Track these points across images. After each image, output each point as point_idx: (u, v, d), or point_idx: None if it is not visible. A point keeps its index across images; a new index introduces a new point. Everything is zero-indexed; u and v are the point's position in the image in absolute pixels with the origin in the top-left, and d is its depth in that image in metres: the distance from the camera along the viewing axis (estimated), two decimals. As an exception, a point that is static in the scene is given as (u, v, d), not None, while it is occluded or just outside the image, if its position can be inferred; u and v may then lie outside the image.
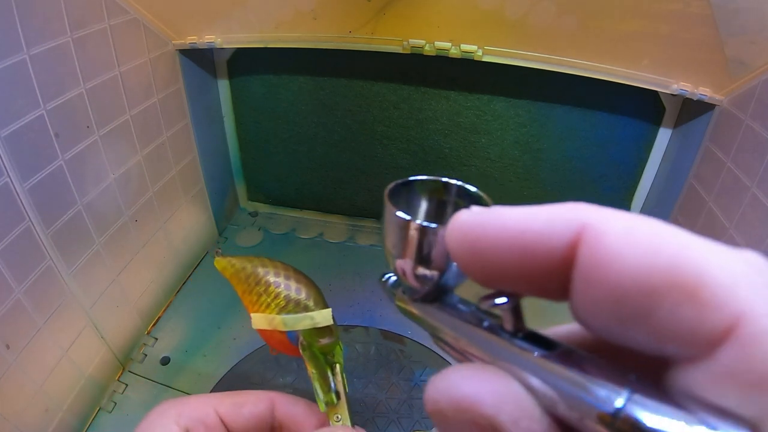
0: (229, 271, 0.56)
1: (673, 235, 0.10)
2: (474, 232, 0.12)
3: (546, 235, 0.11)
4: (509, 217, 0.12)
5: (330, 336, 0.50)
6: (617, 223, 0.11)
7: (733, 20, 0.61)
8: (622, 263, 0.10)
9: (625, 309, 0.10)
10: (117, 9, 0.69)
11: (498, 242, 0.12)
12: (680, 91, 0.73)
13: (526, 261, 0.12)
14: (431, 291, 0.18)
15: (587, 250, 0.11)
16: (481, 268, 0.13)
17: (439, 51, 0.79)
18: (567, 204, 0.12)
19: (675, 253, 0.10)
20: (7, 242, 0.55)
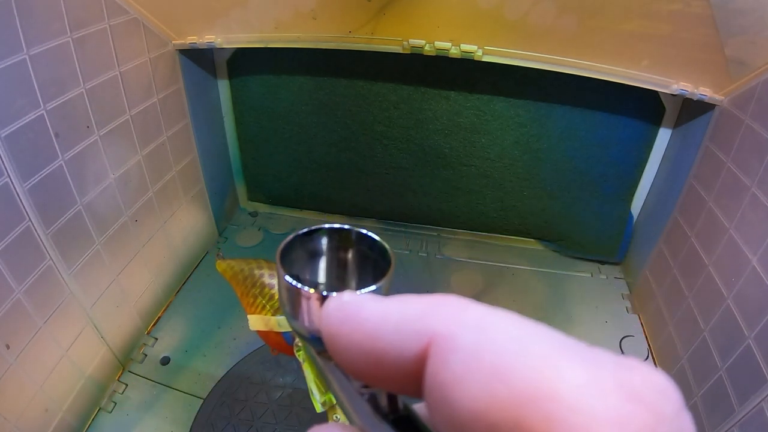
0: (229, 273, 0.56)
1: (530, 356, 0.09)
2: (335, 325, 0.12)
3: (396, 343, 0.11)
4: (366, 317, 0.11)
5: None
6: (468, 337, 0.10)
7: (733, 20, 0.61)
8: (464, 391, 0.09)
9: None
10: (117, 9, 0.69)
11: (353, 341, 0.11)
12: (680, 91, 0.73)
13: (379, 364, 0.11)
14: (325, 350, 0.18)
15: (433, 366, 0.10)
16: (341, 360, 0.12)
17: (439, 51, 0.79)
18: (425, 303, 0.11)
19: (524, 387, 0.09)
20: (7, 242, 0.55)
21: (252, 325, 0.51)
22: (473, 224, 1.10)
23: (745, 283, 0.62)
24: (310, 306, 0.16)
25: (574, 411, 0.08)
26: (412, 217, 1.12)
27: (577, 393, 0.08)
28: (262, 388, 0.76)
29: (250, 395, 0.75)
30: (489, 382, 0.09)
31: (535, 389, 0.08)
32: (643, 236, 0.97)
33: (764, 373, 0.55)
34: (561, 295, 0.97)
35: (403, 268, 1.01)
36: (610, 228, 1.02)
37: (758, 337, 0.58)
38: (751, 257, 0.61)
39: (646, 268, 0.91)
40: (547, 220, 1.04)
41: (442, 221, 1.12)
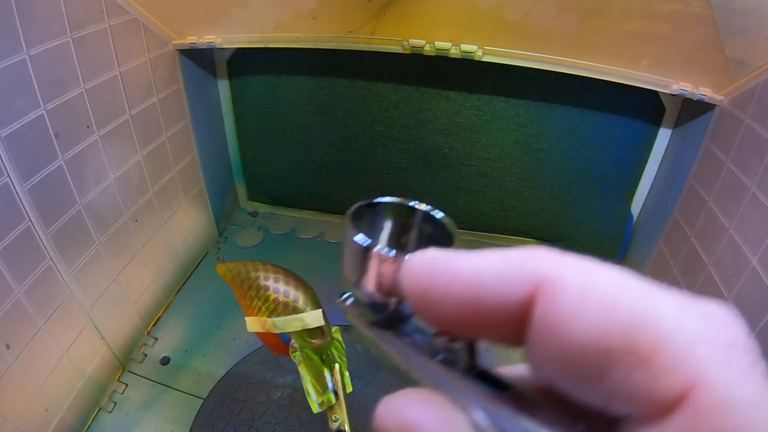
0: (228, 275, 0.56)
1: (631, 292, 0.10)
2: (427, 280, 0.12)
3: (500, 290, 0.11)
4: (462, 268, 0.12)
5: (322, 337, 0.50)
6: (574, 279, 0.10)
7: (733, 20, 0.61)
8: (577, 324, 0.10)
9: (578, 369, 0.10)
10: (117, 9, 0.69)
11: (450, 293, 0.12)
12: (680, 91, 0.73)
13: (479, 313, 0.11)
14: (386, 318, 0.17)
15: (542, 307, 0.11)
16: (433, 315, 0.12)
17: (439, 51, 0.79)
18: (523, 252, 0.11)
19: (631, 316, 0.10)
20: (7, 242, 0.55)
21: (249, 326, 0.51)
22: (473, 224, 1.10)
23: (745, 283, 0.62)
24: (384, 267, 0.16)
25: (676, 332, 0.10)
26: (412, 217, 1.12)
27: (675, 317, 0.10)
28: (262, 388, 0.76)
29: (250, 395, 0.75)
30: (600, 314, 0.10)
31: (642, 316, 0.10)
32: (643, 236, 0.97)
33: (764, 373, 0.55)
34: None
35: (403, 268, 1.01)
36: (610, 228, 1.02)
37: (758, 336, 0.58)
38: (751, 257, 0.61)
39: (646, 268, 0.91)
40: (547, 220, 1.04)
41: (442, 221, 1.11)
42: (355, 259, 0.17)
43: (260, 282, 0.51)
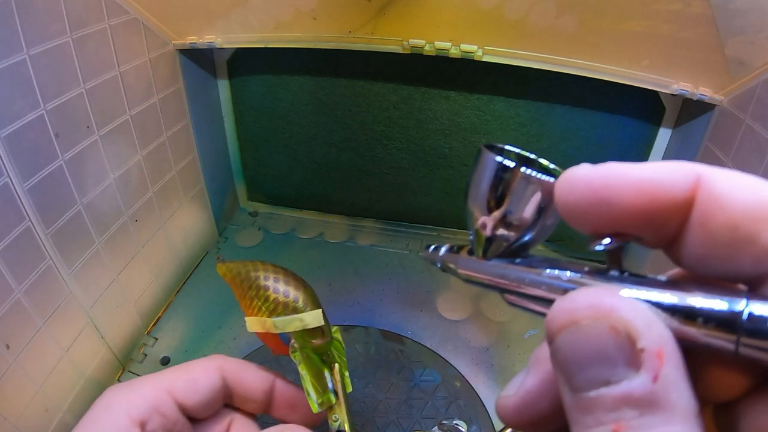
0: (228, 276, 0.56)
1: (765, 180, 0.13)
2: (600, 182, 0.15)
3: (670, 183, 0.14)
4: (632, 169, 0.14)
5: (322, 337, 0.50)
6: (723, 173, 0.13)
7: (733, 20, 0.61)
8: (735, 198, 0.13)
9: (738, 235, 0.13)
10: (117, 9, 0.69)
11: (625, 191, 0.14)
12: (680, 91, 0.73)
13: (651, 206, 0.14)
14: (511, 247, 0.18)
15: (705, 192, 0.13)
16: (602, 216, 0.14)
17: (439, 51, 0.79)
18: (674, 162, 0.14)
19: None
20: (7, 242, 0.55)
21: (249, 326, 0.51)
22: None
23: (745, 283, 0.62)
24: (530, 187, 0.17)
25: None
26: (412, 217, 1.12)
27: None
28: (262, 388, 0.76)
29: (250, 395, 0.75)
30: (749, 190, 0.13)
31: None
32: (643, 236, 0.97)
33: (764, 373, 0.55)
34: (561, 295, 0.97)
35: (403, 268, 1.01)
36: (610, 228, 1.01)
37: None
38: (751, 257, 0.61)
39: (647, 267, 0.91)
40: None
41: (442, 221, 1.12)
42: (495, 183, 0.17)
43: (260, 282, 0.51)
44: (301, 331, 0.49)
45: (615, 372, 0.12)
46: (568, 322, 0.13)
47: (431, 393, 0.75)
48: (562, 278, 0.16)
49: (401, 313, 0.89)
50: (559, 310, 0.14)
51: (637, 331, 0.12)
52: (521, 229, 0.17)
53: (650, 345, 0.12)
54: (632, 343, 0.12)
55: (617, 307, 0.13)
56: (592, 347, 0.13)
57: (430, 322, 0.87)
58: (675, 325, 0.13)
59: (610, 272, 0.15)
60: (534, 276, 0.17)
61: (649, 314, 0.13)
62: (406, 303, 0.92)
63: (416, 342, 0.83)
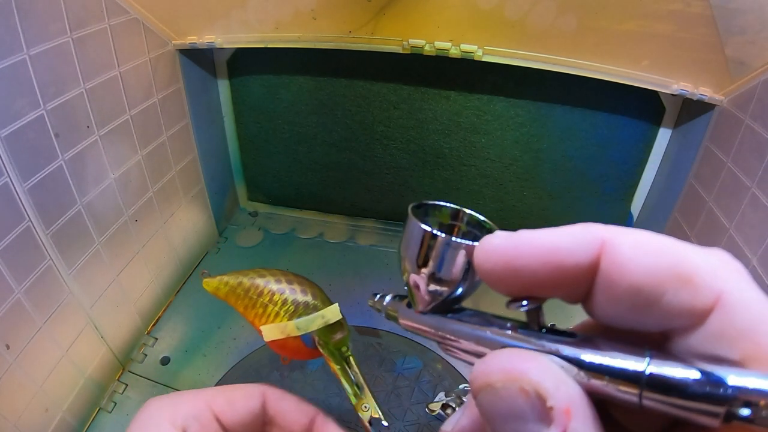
0: (224, 290, 0.55)
1: (668, 242, 0.14)
2: (510, 251, 0.15)
3: (574, 251, 0.14)
4: (540, 238, 0.15)
5: (342, 330, 0.50)
6: (627, 237, 0.14)
7: (733, 20, 0.61)
8: (637, 265, 0.14)
9: (640, 298, 0.14)
10: (117, 9, 0.69)
11: (532, 259, 0.15)
12: (680, 91, 0.73)
13: (557, 273, 0.15)
14: (444, 301, 0.19)
15: (608, 258, 0.14)
16: (515, 282, 0.15)
17: (439, 51, 0.79)
18: (582, 225, 0.15)
19: (673, 254, 0.14)
20: (7, 242, 0.55)
21: (267, 336, 0.50)
22: (473, 224, 1.10)
23: (745, 283, 0.62)
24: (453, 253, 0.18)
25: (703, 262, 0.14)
26: (412, 217, 1.12)
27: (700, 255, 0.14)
28: (262, 388, 0.76)
29: (250, 395, 0.75)
30: (652, 256, 0.14)
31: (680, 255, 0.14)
32: (643, 236, 0.97)
33: (764, 373, 0.55)
34: (561, 295, 0.97)
35: (403, 268, 1.01)
36: (610, 228, 1.01)
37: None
38: (751, 257, 0.61)
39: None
40: (547, 220, 1.04)
41: (442, 221, 1.11)
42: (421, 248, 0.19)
43: (271, 286, 0.51)
44: (323, 328, 0.48)
45: (528, 427, 0.14)
46: (484, 384, 0.15)
47: (416, 379, 0.76)
48: (486, 335, 0.17)
49: (401, 313, 0.89)
50: (477, 373, 0.15)
51: (546, 391, 0.13)
52: (451, 285, 0.19)
53: (558, 403, 0.13)
54: (542, 401, 0.13)
55: (527, 370, 0.14)
56: (506, 406, 0.14)
57: (430, 322, 0.87)
58: (585, 380, 0.14)
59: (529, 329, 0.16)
60: (463, 331, 0.18)
61: (559, 373, 0.14)
62: (406, 303, 0.91)
63: (391, 333, 0.83)
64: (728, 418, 0.12)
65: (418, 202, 0.21)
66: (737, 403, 0.12)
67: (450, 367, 0.77)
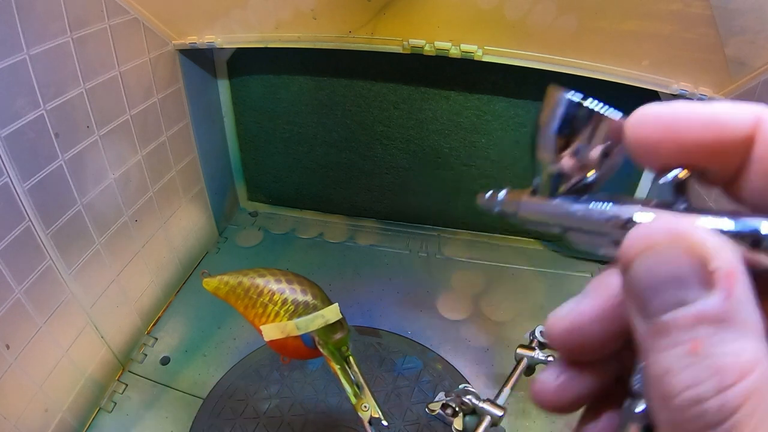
0: (224, 290, 0.55)
1: None
2: (670, 117, 0.15)
3: (734, 121, 0.14)
4: (699, 107, 0.15)
5: (342, 330, 0.50)
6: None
7: (733, 20, 0.61)
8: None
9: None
10: (117, 9, 0.69)
11: (693, 124, 0.15)
12: (680, 91, 0.73)
13: (715, 140, 0.15)
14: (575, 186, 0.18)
15: (765, 130, 0.14)
16: (671, 148, 0.15)
17: (439, 51, 0.79)
18: (739, 103, 0.15)
19: None
20: (7, 242, 0.55)
21: (267, 335, 0.50)
22: (473, 224, 1.10)
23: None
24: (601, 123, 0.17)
25: None
26: (412, 217, 1.12)
27: None
28: (263, 387, 0.76)
29: (250, 394, 0.75)
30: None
31: None
32: (643, 236, 0.97)
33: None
34: (561, 295, 0.97)
35: (403, 268, 1.01)
36: (610, 228, 1.02)
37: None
38: (751, 257, 0.61)
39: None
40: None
41: (442, 221, 1.12)
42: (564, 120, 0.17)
43: (271, 286, 0.51)
44: (323, 328, 0.48)
45: (690, 293, 0.13)
46: (645, 247, 0.14)
47: (416, 379, 0.76)
48: (629, 211, 0.16)
49: (401, 313, 0.89)
50: (637, 236, 0.14)
51: (710, 253, 0.13)
52: (588, 167, 0.18)
53: (722, 266, 0.13)
54: (705, 264, 0.13)
55: (691, 232, 0.13)
56: (668, 270, 0.13)
57: (430, 322, 0.87)
58: (742, 250, 0.13)
59: (677, 205, 0.15)
60: (600, 211, 0.17)
61: (720, 239, 0.13)
62: (406, 303, 0.92)
63: (391, 333, 0.83)
64: None
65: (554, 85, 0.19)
66: None
67: (450, 367, 0.77)
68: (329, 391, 0.75)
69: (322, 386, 0.76)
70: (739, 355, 0.12)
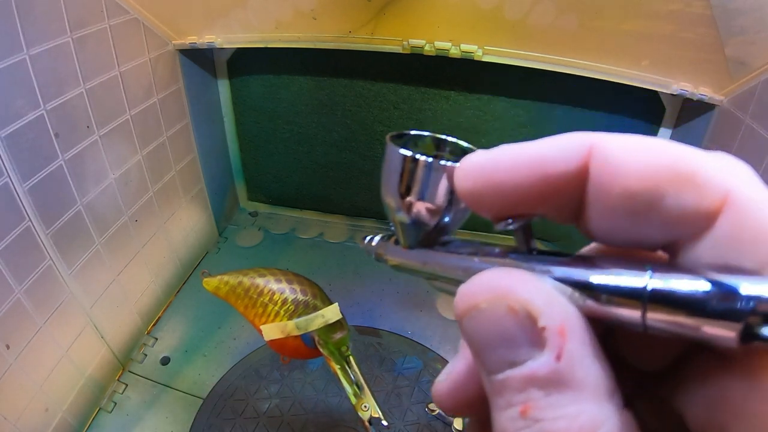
0: (224, 289, 0.55)
1: (664, 142, 0.13)
2: (491, 166, 0.14)
3: (559, 158, 0.13)
4: (522, 149, 0.13)
5: (342, 330, 0.50)
6: (618, 139, 0.13)
7: (733, 20, 0.61)
8: (631, 166, 0.12)
9: (638, 204, 0.12)
10: (117, 9, 0.69)
11: (515, 172, 0.13)
12: (680, 92, 0.73)
13: (543, 184, 0.13)
14: (430, 233, 0.18)
15: (597, 162, 0.13)
16: (499, 199, 0.14)
17: (439, 51, 0.79)
18: (567, 134, 0.13)
19: (670, 153, 0.12)
20: (7, 242, 0.55)
21: (267, 335, 0.50)
22: (473, 224, 1.10)
23: (745, 283, 0.62)
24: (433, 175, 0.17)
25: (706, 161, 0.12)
26: (412, 217, 1.12)
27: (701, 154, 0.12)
28: (264, 386, 0.76)
29: (250, 394, 0.75)
30: (645, 155, 0.12)
31: (678, 153, 0.12)
32: (643, 236, 0.97)
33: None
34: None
35: (403, 268, 1.01)
36: (610, 228, 1.02)
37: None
38: (751, 257, 0.61)
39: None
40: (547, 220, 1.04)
41: (442, 221, 1.11)
42: (402, 175, 0.17)
43: (272, 286, 0.51)
44: (323, 327, 0.48)
45: (519, 353, 0.12)
46: (469, 306, 0.13)
47: (416, 379, 0.76)
48: (473, 263, 0.16)
49: (401, 313, 0.89)
50: (460, 296, 0.13)
51: (536, 309, 0.12)
52: (436, 214, 0.17)
53: (551, 322, 0.12)
54: (533, 322, 0.12)
55: (514, 288, 0.13)
56: (494, 330, 0.12)
57: (430, 322, 0.87)
58: (581, 302, 0.12)
59: (519, 252, 0.15)
60: (450, 261, 0.17)
61: (550, 291, 0.12)
62: (406, 303, 0.92)
63: (391, 332, 0.83)
64: (747, 337, 0.10)
65: (396, 132, 0.19)
66: (756, 319, 0.10)
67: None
68: (329, 391, 0.75)
69: (322, 386, 0.76)
70: (575, 418, 0.11)
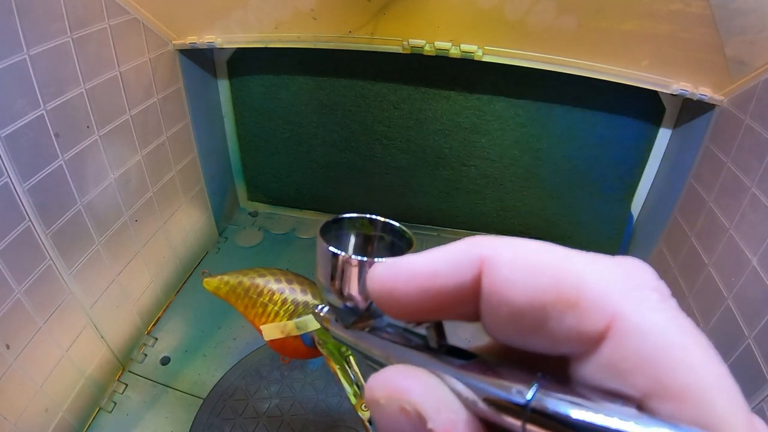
0: (224, 289, 0.55)
1: (553, 255, 0.13)
2: (390, 283, 0.14)
3: (452, 275, 0.13)
4: (419, 265, 0.14)
5: None
6: (507, 253, 0.13)
7: (733, 20, 0.61)
8: (515, 287, 0.12)
9: (523, 324, 0.13)
10: (117, 9, 0.69)
11: (412, 289, 0.14)
12: (680, 91, 0.73)
13: (438, 299, 0.14)
14: (360, 318, 0.19)
15: (488, 279, 0.13)
16: (400, 310, 0.15)
17: (439, 51, 0.79)
18: (466, 241, 0.14)
19: (555, 272, 0.12)
20: (7, 242, 0.55)
21: (267, 335, 0.50)
22: (473, 224, 1.10)
23: (745, 283, 0.62)
24: (355, 273, 0.18)
25: (593, 280, 0.12)
26: (412, 217, 1.12)
27: (592, 270, 0.12)
28: (264, 385, 0.76)
29: (250, 393, 0.75)
30: (530, 276, 0.12)
31: (563, 272, 0.12)
32: (643, 236, 0.97)
33: (764, 373, 0.55)
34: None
35: (403, 268, 1.01)
36: (610, 228, 1.02)
37: (758, 337, 0.58)
38: (751, 257, 0.61)
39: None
40: (547, 220, 1.04)
41: (442, 221, 1.12)
42: (329, 268, 0.19)
43: (271, 286, 0.51)
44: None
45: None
46: (371, 398, 0.14)
47: None
48: (392, 352, 0.17)
49: (401, 313, 0.89)
50: (368, 386, 0.14)
51: (426, 413, 0.13)
52: (364, 301, 0.19)
53: (438, 427, 0.13)
54: (423, 423, 0.13)
55: (408, 389, 0.13)
56: (391, 424, 0.13)
57: (430, 322, 0.87)
58: (474, 404, 0.13)
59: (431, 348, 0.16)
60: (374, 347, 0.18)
61: (442, 396, 0.13)
62: (406, 303, 0.91)
63: None
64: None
65: (333, 217, 0.21)
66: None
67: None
68: (329, 391, 0.75)
69: (322, 386, 0.76)
70: None
